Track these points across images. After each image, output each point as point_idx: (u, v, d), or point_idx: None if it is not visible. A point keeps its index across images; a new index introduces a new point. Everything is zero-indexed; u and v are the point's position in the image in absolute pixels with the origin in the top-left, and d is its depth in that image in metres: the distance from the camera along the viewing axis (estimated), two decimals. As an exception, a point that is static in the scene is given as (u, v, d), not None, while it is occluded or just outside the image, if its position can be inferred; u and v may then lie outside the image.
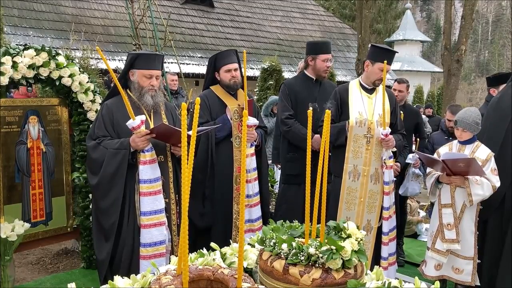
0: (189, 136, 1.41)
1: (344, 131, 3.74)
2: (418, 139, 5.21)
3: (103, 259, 3.22)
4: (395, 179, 4.58)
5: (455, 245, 3.56)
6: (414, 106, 9.03)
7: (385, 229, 3.77)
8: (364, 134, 3.74)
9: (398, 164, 4.64)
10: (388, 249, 3.78)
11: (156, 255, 3.16)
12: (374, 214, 3.80)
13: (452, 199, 3.61)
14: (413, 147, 5.20)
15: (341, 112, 3.86)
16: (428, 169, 3.85)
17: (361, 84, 3.89)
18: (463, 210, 3.58)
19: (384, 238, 3.77)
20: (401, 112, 4.80)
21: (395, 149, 3.84)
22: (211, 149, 3.78)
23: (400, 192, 4.96)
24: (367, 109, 3.78)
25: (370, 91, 3.86)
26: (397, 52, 4.14)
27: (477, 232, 3.59)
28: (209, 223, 3.84)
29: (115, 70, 3.62)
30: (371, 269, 1.98)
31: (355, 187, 3.77)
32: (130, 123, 3.07)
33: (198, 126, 3.42)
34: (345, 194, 3.78)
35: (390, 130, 3.72)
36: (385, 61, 3.58)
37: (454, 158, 3.44)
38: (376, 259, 3.84)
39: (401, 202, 5.12)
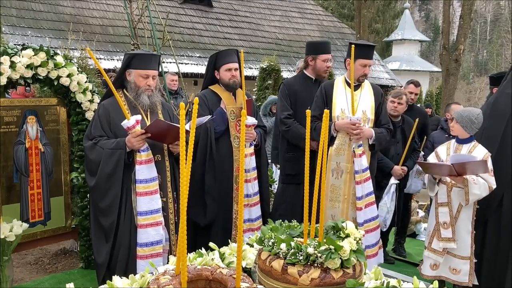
0: (187, 132, 1.41)
1: (329, 132, 3.75)
2: (426, 136, 5.16)
3: (102, 262, 3.20)
4: (398, 181, 4.58)
5: (451, 243, 3.55)
6: (423, 106, 8.98)
7: (359, 220, 3.71)
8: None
9: (405, 168, 4.64)
10: (364, 241, 3.74)
11: (153, 255, 3.16)
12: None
13: (448, 198, 3.61)
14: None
15: (327, 108, 3.87)
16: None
17: (346, 81, 3.92)
18: (459, 209, 3.57)
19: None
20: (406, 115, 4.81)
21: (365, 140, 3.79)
22: (211, 145, 3.77)
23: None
24: (350, 106, 3.79)
25: (355, 87, 3.87)
26: (376, 45, 4.18)
27: (474, 232, 3.57)
28: (211, 221, 3.82)
29: (113, 70, 3.63)
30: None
31: (339, 185, 3.79)
32: (125, 123, 3.08)
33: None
34: (329, 192, 3.80)
35: (358, 117, 3.71)
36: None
37: (463, 162, 3.34)
38: None
39: (405, 201, 5.12)
